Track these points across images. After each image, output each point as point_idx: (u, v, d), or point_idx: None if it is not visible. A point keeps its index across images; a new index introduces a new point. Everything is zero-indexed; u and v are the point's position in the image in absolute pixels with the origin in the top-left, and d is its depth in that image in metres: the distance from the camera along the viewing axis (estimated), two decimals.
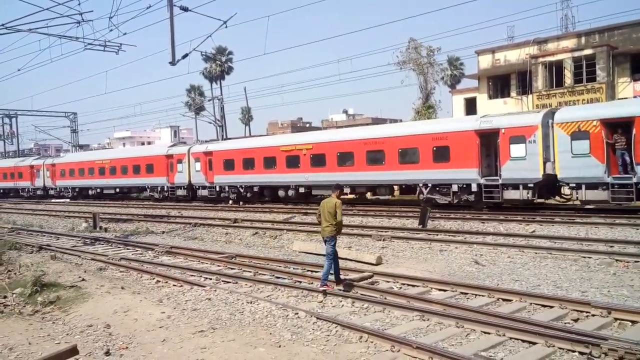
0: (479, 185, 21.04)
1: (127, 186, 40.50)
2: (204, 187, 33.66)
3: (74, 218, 28.16)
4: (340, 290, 9.84)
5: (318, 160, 26.77)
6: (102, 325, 8.18)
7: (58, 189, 46.75)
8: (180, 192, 35.41)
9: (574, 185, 19.05)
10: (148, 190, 38.39)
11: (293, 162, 28.00)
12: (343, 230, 17.85)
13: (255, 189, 30.48)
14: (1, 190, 53.47)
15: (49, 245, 17.74)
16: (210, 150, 32.94)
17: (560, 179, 19.34)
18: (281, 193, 29.08)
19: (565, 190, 20.44)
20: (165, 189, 36.33)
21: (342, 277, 10.36)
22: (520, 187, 19.82)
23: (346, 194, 25.55)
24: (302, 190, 28.00)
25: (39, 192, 48.00)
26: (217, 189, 32.54)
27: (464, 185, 21.64)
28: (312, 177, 26.92)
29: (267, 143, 31.32)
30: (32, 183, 48.34)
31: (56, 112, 65.46)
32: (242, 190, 31.01)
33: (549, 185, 20.14)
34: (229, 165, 31.53)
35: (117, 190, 41.42)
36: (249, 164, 30.40)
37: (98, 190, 42.95)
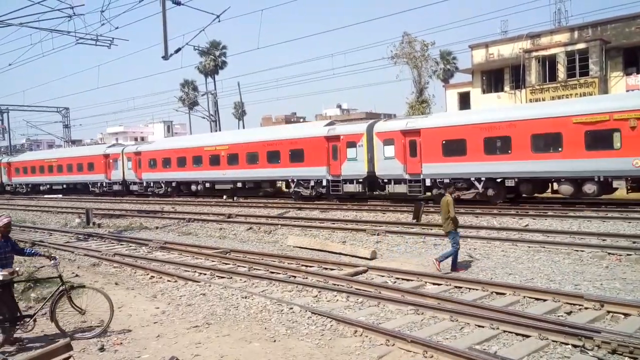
0: (327, 180, 26.05)
1: (73, 182, 45.00)
2: (134, 183, 38.62)
3: (67, 214, 28.02)
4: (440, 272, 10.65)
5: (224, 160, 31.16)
6: (97, 321, 8.15)
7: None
8: (116, 187, 40.15)
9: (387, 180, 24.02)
10: (90, 185, 42.92)
11: (214, 160, 32.19)
12: (337, 225, 18.06)
13: (174, 184, 35.37)
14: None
15: (42, 241, 17.64)
16: (140, 151, 37.73)
17: (378, 176, 24.16)
18: (193, 187, 33.82)
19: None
20: (104, 185, 41.07)
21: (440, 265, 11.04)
22: (354, 181, 25.04)
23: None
24: (207, 185, 32.81)
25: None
26: (145, 184, 37.51)
27: (318, 181, 26.56)
28: (230, 174, 31.11)
29: (193, 144, 34.81)
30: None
31: (48, 107, 65.23)
32: (163, 186, 35.93)
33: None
34: (153, 164, 36.52)
35: (64, 186, 46.20)
36: (168, 163, 35.31)
37: (48, 185, 47.39)
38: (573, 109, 19.06)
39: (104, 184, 41.16)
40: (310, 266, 12.02)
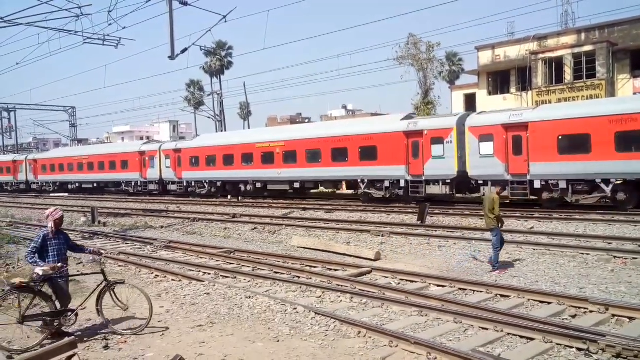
0: (406, 181, 23.59)
1: (104, 181, 42.87)
2: (173, 182, 36.34)
3: (73, 212, 28.14)
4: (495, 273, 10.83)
5: (289, 157, 28.61)
6: (101, 320, 8.18)
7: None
8: (152, 187, 37.90)
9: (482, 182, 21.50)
10: (123, 185, 40.60)
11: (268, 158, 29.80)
12: (342, 226, 18.06)
13: (219, 184, 32.94)
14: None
15: None
16: (180, 148, 35.48)
17: (471, 177, 21.75)
18: (241, 187, 31.55)
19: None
20: (139, 184, 38.76)
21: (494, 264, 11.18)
22: (440, 182, 22.52)
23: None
24: (259, 185, 30.55)
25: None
26: (185, 184, 35.22)
27: (395, 181, 24.14)
28: (285, 173, 28.82)
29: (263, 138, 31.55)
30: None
31: (55, 106, 65.61)
32: (206, 185, 33.65)
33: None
34: (195, 161, 34.17)
35: (94, 184, 44.00)
36: (212, 161, 33.00)
37: (78, 184, 45.28)
38: None
39: (139, 183, 38.77)
40: (314, 267, 12.02)
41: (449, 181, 22.01)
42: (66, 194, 45.18)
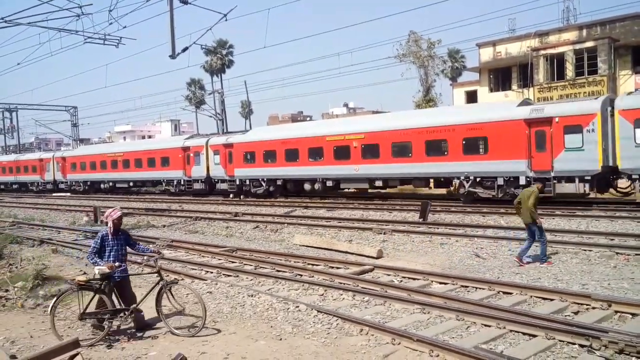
0: (528, 178, 19.68)
1: (142, 180, 39.57)
2: (223, 181, 32.41)
3: (75, 212, 28.20)
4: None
5: (369, 151, 24.80)
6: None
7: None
8: (197, 186, 34.01)
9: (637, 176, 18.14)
10: (163, 183, 37.41)
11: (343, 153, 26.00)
12: (344, 224, 18.07)
13: (279, 182, 29.28)
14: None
15: (50, 239, 17.78)
16: (231, 142, 31.51)
17: (622, 170, 18.37)
18: (307, 186, 27.87)
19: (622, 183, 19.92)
20: (182, 183, 35.08)
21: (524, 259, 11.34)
22: (576, 179, 18.75)
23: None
24: (329, 183, 26.83)
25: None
26: (238, 182, 31.21)
27: (511, 179, 20.49)
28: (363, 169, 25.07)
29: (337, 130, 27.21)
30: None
31: (56, 105, 65.72)
32: (263, 184, 29.82)
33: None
34: (251, 157, 30.36)
35: (130, 184, 40.47)
36: (271, 157, 29.20)
37: (110, 183, 42.06)
38: None
39: (182, 182, 35.10)
40: (317, 265, 12.03)
41: (588, 177, 18.43)
42: (68, 194, 45.19)
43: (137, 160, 38.70)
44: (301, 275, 10.94)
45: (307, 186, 27.81)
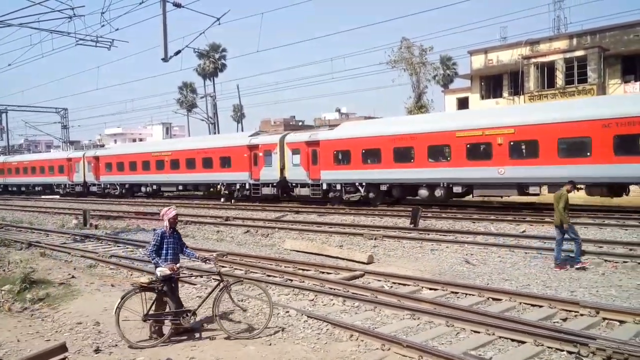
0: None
1: (194, 182, 34.52)
2: (305, 185, 27.34)
3: (64, 215, 27.98)
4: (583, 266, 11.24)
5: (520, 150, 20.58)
6: (92, 323, 8.14)
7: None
8: (266, 191, 29.26)
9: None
10: (222, 187, 32.16)
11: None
12: (335, 229, 18.07)
13: (383, 188, 24.11)
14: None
15: (38, 242, 17.60)
16: (317, 140, 26.53)
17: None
18: (423, 192, 22.79)
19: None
20: (248, 187, 30.31)
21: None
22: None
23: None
24: (457, 189, 21.94)
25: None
26: (325, 187, 26.32)
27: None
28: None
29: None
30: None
31: (47, 107, 65.30)
32: (361, 189, 24.79)
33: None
34: (343, 157, 25.57)
35: (179, 187, 35.78)
36: (374, 156, 24.30)
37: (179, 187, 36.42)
38: None
39: (248, 186, 30.27)
40: (307, 270, 12.01)
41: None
42: (57, 197, 44.74)
43: (189, 161, 33.44)
44: (291, 280, 10.92)
45: (423, 192, 22.61)
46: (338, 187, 25.70)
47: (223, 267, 12.85)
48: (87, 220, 23.10)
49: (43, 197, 45.52)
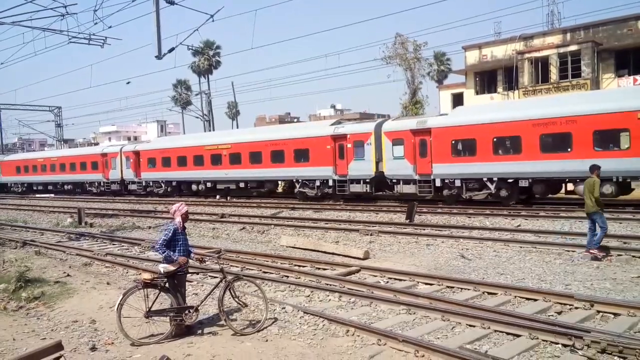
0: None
1: (262, 179, 29.89)
2: (407, 180, 23.46)
3: (59, 213, 27.88)
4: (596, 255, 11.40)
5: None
6: (88, 321, 8.13)
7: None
8: (356, 188, 25.07)
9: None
10: (296, 184, 27.71)
11: None
12: (330, 225, 18.07)
13: (523, 183, 19.97)
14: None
15: (33, 241, 17.54)
16: (427, 128, 22.58)
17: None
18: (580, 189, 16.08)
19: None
20: (331, 183, 26.09)
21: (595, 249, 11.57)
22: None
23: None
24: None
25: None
26: (438, 183, 22.30)
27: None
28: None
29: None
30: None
31: (40, 106, 64.88)
32: (490, 185, 20.88)
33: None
34: (465, 148, 21.55)
35: (239, 184, 30.99)
36: (512, 146, 20.34)
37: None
38: None
39: (330, 182, 25.98)
40: (303, 266, 12.03)
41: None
42: (52, 195, 44.50)
43: (253, 154, 29.43)
44: (288, 277, 10.92)
45: (580, 188, 15.46)
46: (457, 183, 21.62)
47: (219, 264, 12.83)
48: (82, 219, 23.02)
49: (37, 195, 45.15)
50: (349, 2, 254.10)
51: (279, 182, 30.49)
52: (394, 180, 23.96)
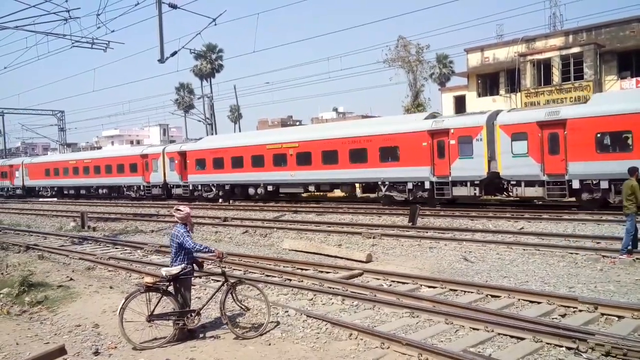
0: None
1: (335, 181, 26.74)
2: (531, 182, 19.94)
3: (62, 217, 27.93)
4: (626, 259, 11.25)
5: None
6: (91, 325, 8.13)
7: None
8: (461, 191, 21.57)
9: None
10: (382, 187, 24.31)
11: None
12: (333, 228, 18.07)
13: None
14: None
15: (36, 245, 17.57)
16: (561, 119, 19.14)
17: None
18: None
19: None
20: (425, 185, 22.63)
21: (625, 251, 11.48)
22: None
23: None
24: None
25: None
26: (577, 185, 18.91)
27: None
28: None
29: None
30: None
31: (43, 110, 64.97)
32: None
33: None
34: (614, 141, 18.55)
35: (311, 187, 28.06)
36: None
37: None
38: None
39: (427, 184, 22.44)
40: (306, 269, 12.01)
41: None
42: (55, 199, 44.57)
43: (327, 154, 26.11)
44: (290, 280, 10.92)
45: None
46: (603, 185, 18.24)
47: (222, 267, 12.83)
48: (85, 223, 23.06)
49: (40, 199, 45.17)
50: (351, 5, 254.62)
51: (356, 185, 27.59)
52: (513, 182, 20.47)
